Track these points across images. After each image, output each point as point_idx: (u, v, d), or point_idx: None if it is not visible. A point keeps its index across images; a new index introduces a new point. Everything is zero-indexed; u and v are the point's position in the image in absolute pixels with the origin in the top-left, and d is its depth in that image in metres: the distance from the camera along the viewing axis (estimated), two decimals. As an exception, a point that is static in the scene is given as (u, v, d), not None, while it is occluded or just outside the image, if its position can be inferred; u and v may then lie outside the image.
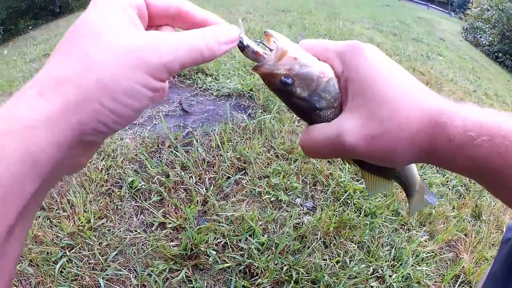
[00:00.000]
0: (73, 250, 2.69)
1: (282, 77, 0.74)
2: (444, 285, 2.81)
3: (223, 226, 2.80)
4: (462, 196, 3.86)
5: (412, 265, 2.85)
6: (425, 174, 3.90)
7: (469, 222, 3.48)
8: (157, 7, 0.66)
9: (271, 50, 0.76)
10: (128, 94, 0.54)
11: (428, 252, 3.01)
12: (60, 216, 2.88)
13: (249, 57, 0.77)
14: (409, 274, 2.78)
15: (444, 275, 2.88)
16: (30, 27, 20.13)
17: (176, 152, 3.35)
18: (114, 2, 0.58)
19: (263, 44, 0.78)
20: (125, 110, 0.55)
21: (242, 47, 0.76)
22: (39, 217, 2.88)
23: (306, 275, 2.58)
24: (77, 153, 0.55)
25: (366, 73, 0.73)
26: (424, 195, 1.05)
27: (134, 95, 0.55)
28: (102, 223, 2.85)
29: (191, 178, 3.14)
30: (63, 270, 2.58)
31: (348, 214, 3.05)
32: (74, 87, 0.52)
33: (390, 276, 2.72)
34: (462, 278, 2.92)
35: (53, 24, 17.62)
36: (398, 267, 2.80)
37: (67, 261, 2.62)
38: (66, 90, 0.51)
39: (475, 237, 3.31)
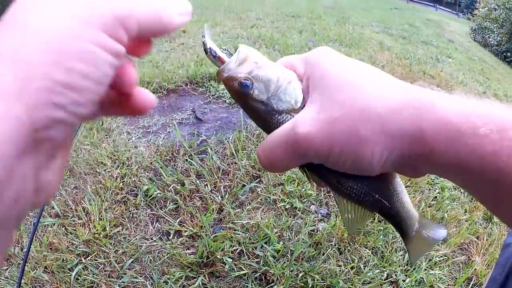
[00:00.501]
0: (88, 258, 2.71)
1: (241, 80, 0.72)
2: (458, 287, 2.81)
3: (239, 234, 2.81)
4: (474, 199, 3.81)
5: (425, 269, 2.85)
6: (437, 178, 3.85)
7: (480, 225, 3.46)
8: None
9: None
10: (82, 58, 0.41)
11: (441, 256, 3.00)
12: (75, 223, 2.90)
13: (212, 61, 0.76)
14: (422, 278, 2.78)
15: (456, 278, 2.88)
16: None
17: (191, 160, 3.37)
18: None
19: (228, 51, 0.77)
20: (84, 82, 0.42)
21: (205, 50, 0.75)
22: (54, 224, 2.90)
23: (321, 281, 2.59)
24: (35, 165, 0.41)
25: (326, 65, 0.68)
26: (427, 233, 0.82)
27: (90, 60, 0.42)
28: (118, 231, 2.87)
29: (206, 186, 3.15)
30: (79, 277, 2.60)
31: (362, 220, 3.01)
32: (11, 63, 0.38)
33: (403, 280, 2.73)
34: (474, 281, 2.93)
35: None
36: (412, 271, 2.81)
37: (82, 268, 2.65)
38: (1, 70, 0.38)
39: (486, 240, 3.30)
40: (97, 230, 2.84)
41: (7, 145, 0.36)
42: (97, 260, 2.69)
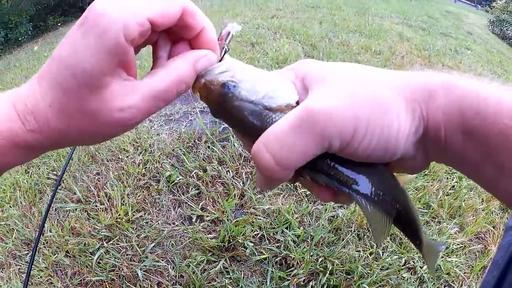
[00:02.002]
0: (110, 242, 2.74)
1: (224, 81, 0.66)
2: (473, 276, 2.81)
3: (260, 219, 2.84)
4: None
5: (443, 257, 2.86)
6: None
7: (497, 215, 3.45)
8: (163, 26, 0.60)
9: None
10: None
11: (458, 244, 3.01)
12: (98, 208, 2.95)
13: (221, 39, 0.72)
14: (439, 265, 2.79)
15: (473, 266, 2.88)
16: (59, 24, 20.09)
17: (213, 147, 3.39)
18: (106, 36, 0.54)
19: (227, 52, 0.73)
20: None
21: (221, 36, 0.73)
22: (76, 209, 2.95)
23: (341, 266, 2.61)
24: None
25: (322, 64, 0.66)
26: (432, 243, 0.81)
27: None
28: (140, 216, 2.91)
29: (228, 173, 3.18)
30: (100, 261, 2.64)
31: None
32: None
33: (421, 267, 2.74)
34: (490, 270, 2.91)
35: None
36: (429, 258, 2.81)
37: (104, 252, 2.68)
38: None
39: (502, 229, 3.24)
40: (119, 215, 2.88)
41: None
42: (119, 244, 2.73)
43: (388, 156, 0.60)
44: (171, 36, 0.69)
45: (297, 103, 0.65)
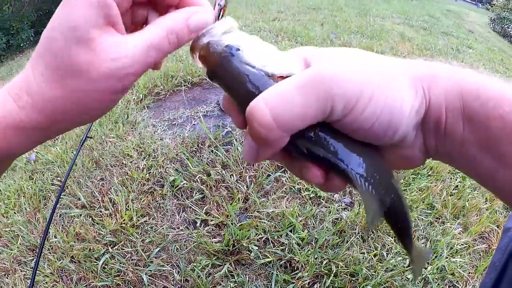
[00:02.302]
0: (115, 247, 2.75)
1: (229, 44, 0.64)
2: (477, 276, 2.81)
3: (264, 222, 2.85)
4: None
5: (447, 257, 2.86)
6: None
7: (501, 214, 3.45)
8: None
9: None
10: None
11: (462, 244, 3.01)
12: (102, 214, 2.96)
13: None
14: (443, 266, 2.80)
15: (477, 266, 2.88)
16: (61, 30, 20.22)
17: (217, 151, 3.40)
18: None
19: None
20: None
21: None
22: (81, 215, 2.95)
23: (345, 268, 2.62)
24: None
25: (324, 48, 0.63)
26: (421, 250, 0.85)
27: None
28: (145, 221, 2.92)
29: (232, 176, 3.18)
30: (106, 266, 2.65)
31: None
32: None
33: (425, 268, 2.74)
34: (494, 269, 2.91)
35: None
36: (433, 259, 2.83)
37: (109, 257, 2.69)
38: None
39: None
40: (124, 220, 2.89)
41: None
42: (124, 249, 2.74)
43: (390, 133, 0.57)
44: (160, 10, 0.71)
45: None
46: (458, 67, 0.58)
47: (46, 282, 2.59)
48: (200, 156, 3.39)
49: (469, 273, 2.81)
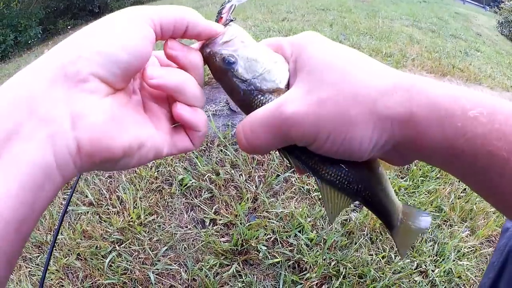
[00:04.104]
0: (122, 245, 2.75)
1: (225, 56, 0.70)
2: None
3: (273, 223, 2.85)
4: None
5: (454, 260, 2.86)
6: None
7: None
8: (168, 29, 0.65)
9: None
10: (105, 26, 0.57)
11: (469, 247, 3.01)
12: (110, 211, 2.95)
13: (220, 12, 0.76)
14: (451, 269, 2.80)
15: (483, 270, 2.85)
16: (69, 27, 20.18)
17: (226, 151, 3.39)
18: (134, 14, 0.60)
19: (233, 21, 0.75)
20: (99, 33, 0.56)
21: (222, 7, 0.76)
22: (88, 212, 2.95)
23: (353, 269, 2.62)
24: (66, 94, 0.51)
25: (315, 48, 0.67)
26: (412, 223, 0.84)
27: (111, 25, 0.58)
28: (153, 219, 2.92)
29: (241, 176, 3.18)
30: (112, 264, 2.64)
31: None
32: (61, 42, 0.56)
33: (433, 271, 2.75)
34: (501, 273, 2.90)
35: (92, 24, 17.81)
36: (441, 262, 2.83)
37: (116, 255, 2.69)
38: (57, 45, 0.56)
39: None
40: (131, 218, 2.89)
41: (46, 77, 0.50)
42: (131, 248, 2.74)
43: (354, 159, 0.65)
44: None
45: (287, 86, 0.70)
46: (445, 89, 0.57)
47: (51, 279, 2.59)
48: (209, 155, 3.39)
49: (476, 276, 2.80)
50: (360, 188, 0.73)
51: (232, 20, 0.74)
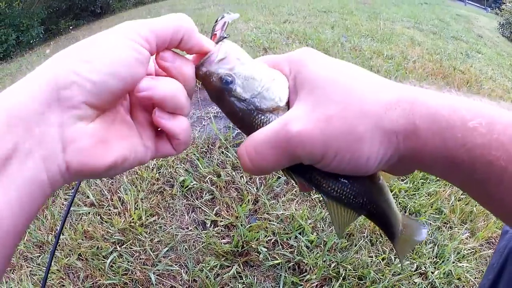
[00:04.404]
0: (124, 246, 2.76)
1: (222, 75, 0.68)
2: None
3: (274, 224, 2.85)
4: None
5: (454, 262, 2.87)
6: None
7: None
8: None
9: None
10: (100, 45, 0.56)
11: (469, 249, 3.02)
12: (111, 212, 2.96)
13: (214, 29, 0.74)
14: (450, 270, 2.81)
15: (483, 271, 2.86)
16: (71, 28, 20.12)
17: (227, 153, 3.40)
18: (128, 34, 0.59)
19: (226, 38, 0.73)
20: (94, 55, 0.55)
21: (216, 21, 0.75)
22: (89, 213, 2.95)
23: (353, 271, 2.63)
24: (59, 119, 0.53)
25: (314, 65, 0.67)
26: (411, 233, 0.85)
27: (105, 45, 0.57)
28: (154, 220, 2.92)
29: (242, 178, 3.19)
30: (113, 265, 2.65)
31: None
32: (54, 57, 0.56)
33: (432, 272, 2.75)
34: (501, 275, 2.91)
35: (95, 25, 17.58)
36: (441, 264, 2.84)
37: (117, 256, 2.70)
38: (50, 62, 0.55)
39: None
40: (133, 219, 2.90)
41: (39, 95, 0.51)
42: (132, 248, 2.75)
43: (360, 174, 0.64)
44: None
45: (287, 103, 0.69)
46: (446, 99, 0.57)
47: (52, 279, 2.60)
48: (210, 157, 3.39)
49: (475, 278, 2.81)
50: (365, 201, 0.71)
51: (225, 37, 0.73)
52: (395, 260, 2.75)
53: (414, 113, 0.56)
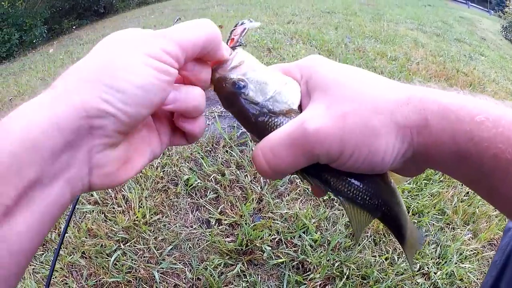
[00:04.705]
0: (127, 244, 2.76)
1: (235, 80, 0.69)
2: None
3: (278, 223, 2.86)
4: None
5: (456, 263, 2.88)
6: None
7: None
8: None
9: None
10: (125, 68, 0.54)
11: (471, 250, 3.03)
12: (115, 211, 2.96)
13: (232, 33, 0.76)
14: (453, 271, 2.81)
15: (485, 273, 2.82)
16: (74, 27, 20.10)
17: (231, 152, 3.41)
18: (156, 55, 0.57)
19: (242, 45, 0.75)
20: (125, 84, 0.53)
21: (236, 26, 0.76)
22: (93, 211, 2.95)
23: (357, 271, 2.64)
24: (94, 145, 0.54)
25: (325, 68, 0.69)
26: (416, 238, 0.87)
27: (131, 70, 0.54)
28: (158, 219, 2.93)
29: (246, 177, 3.20)
30: (117, 263, 2.65)
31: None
32: (75, 71, 0.54)
33: (435, 273, 2.76)
34: (503, 276, 2.91)
35: (98, 24, 17.59)
36: (443, 264, 2.84)
37: (121, 254, 2.70)
38: (69, 76, 0.54)
39: None
40: (137, 217, 2.90)
41: (66, 123, 0.49)
42: (136, 246, 2.75)
43: (376, 171, 0.65)
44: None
45: (299, 107, 0.71)
46: (453, 96, 0.59)
47: (55, 277, 2.60)
48: (214, 156, 3.40)
49: (478, 279, 2.82)
50: (380, 203, 0.72)
51: (241, 44, 0.74)
52: (398, 260, 2.76)
53: (426, 109, 0.58)
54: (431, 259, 2.85)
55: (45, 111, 0.49)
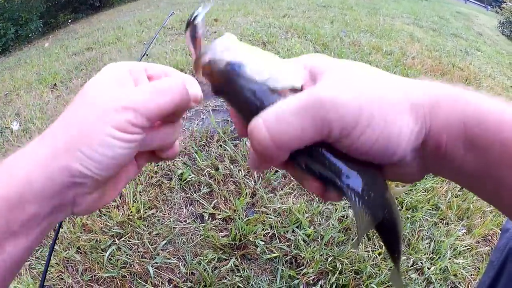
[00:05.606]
0: (122, 239, 2.77)
1: (230, 60, 0.61)
2: (479, 278, 2.78)
3: (271, 218, 2.87)
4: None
5: (450, 258, 2.88)
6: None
7: (504, 217, 3.35)
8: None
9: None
10: (100, 144, 0.59)
11: (465, 246, 3.03)
12: (109, 205, 2.98)
13: (189, 38, 0.69)
14: (446, 266, 2.81)
15: (479, 268, 2.90)
16: (70, 21, 20.02)
17: (225, 146, 3.42)
18: (113, 70, 0.66)
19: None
20: (101, 158, 0.59)
21: (188, 23, 0.69)
22: (88, 206, 2.94)
23: (350, 265, 2.64)
24: (77, 193, 0.61)
25: (329, 59, 0.63)
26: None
27: (105, 145, 0.59)
28: (152, 213, 2.94)
29: (240, 171, 3.20)
30: (112, 258, 2.66)
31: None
32: (63, 135, 0.60)
33: (428, 268, 2.76)
34: (497, 272, 2.91)
35: (94, 18, 17.43)
36: (437, 259, 2.84)
37: (116, 249, 2.71)
38: (57, 138, 0.60)
39: None
40: (131, 212, 2.91)
41: (56, 178, 0.58)
42: (130, 241, 2.76)
43: (388, 155, 0.58)
44: None
45: (302, 89, 0.61)
46: (460, 88, 0.57)
47: (51, 272, 2.61)
48: (208, 150, 3.41)
49: (471, 274, 2.82)
50: (383, 203, 0.63)
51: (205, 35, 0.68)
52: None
53: (436, 91, 0.57)
54: (425, 254, 2.85)
55: (41, 166, 0.58)
